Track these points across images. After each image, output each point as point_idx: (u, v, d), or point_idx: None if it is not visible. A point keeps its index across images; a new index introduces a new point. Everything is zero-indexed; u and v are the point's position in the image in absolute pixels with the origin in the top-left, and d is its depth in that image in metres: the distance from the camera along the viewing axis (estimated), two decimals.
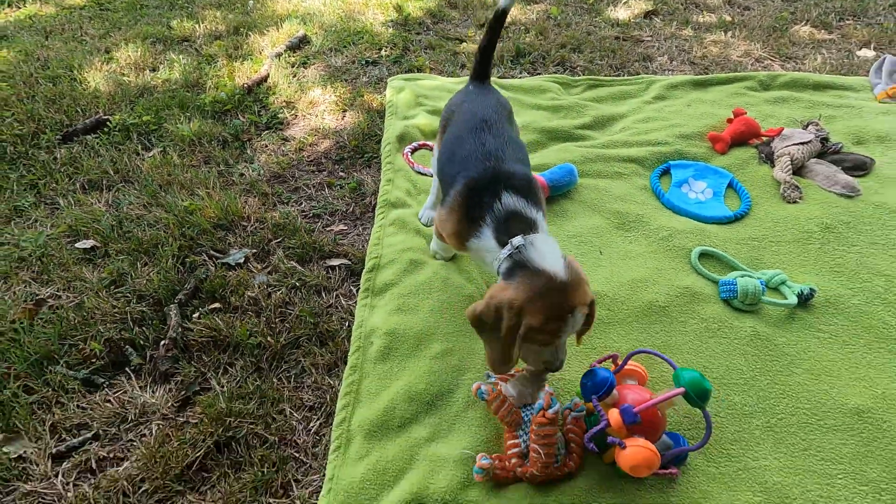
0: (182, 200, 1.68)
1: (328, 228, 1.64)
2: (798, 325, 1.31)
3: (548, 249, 0.98)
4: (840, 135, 1.90)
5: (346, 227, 1.65)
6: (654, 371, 1.20)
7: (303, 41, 2.49)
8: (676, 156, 1.82)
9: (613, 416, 0.99)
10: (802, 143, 1.75)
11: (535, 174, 1.66)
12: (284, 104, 2.11)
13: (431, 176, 1.75)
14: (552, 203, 1.64)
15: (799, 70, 2.34)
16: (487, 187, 1.07)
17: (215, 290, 1.43)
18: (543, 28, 2.60)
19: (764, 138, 1.87)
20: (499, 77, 2.27)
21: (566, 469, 1.01)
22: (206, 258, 1.53)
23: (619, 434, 0.99)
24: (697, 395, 0.99)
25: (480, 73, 1.40)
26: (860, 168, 1.74)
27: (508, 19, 2.70)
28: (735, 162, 1.80)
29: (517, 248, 1.00)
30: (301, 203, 1.73)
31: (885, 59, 2.19)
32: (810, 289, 1.34)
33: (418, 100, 2.05)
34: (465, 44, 2.52)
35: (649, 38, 2.55)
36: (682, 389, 0.99)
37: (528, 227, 1.03)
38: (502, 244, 1.02)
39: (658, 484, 1.04)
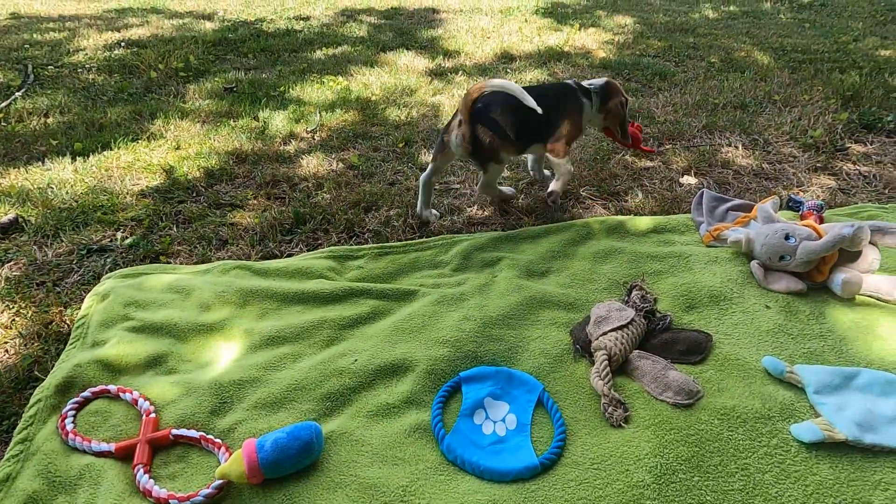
0: None
1: None
2: None
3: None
4: (668, 298, 1.55)
5: None
6: None
7: (9, 228, 1.88)
8: (472, 360, 1.34)
9: None
10: (622, 328, 1.36)
11: (248, 442, 1.09)
12: None
13: (97, 454, 1.12)
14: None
15: (622, 208, 2.09)
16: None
17: None
18: (340, 182, 2.21)
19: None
20: (260, 257, 1.77)
21: None
22: None
23: None
24: None
25: None
26: (696, 351, 1.36)
27: (303, 172, 2.31)
28: (547, 360, 1.36)
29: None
30: None
31: (702, 193, 1.99)
32: None
33: (126, 311, 1.46)
34: (238, 211, 2.04)
35: (460, 184, 2.23)
36: None
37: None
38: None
39: None
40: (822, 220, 1.93)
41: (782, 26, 4.83)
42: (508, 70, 3.78)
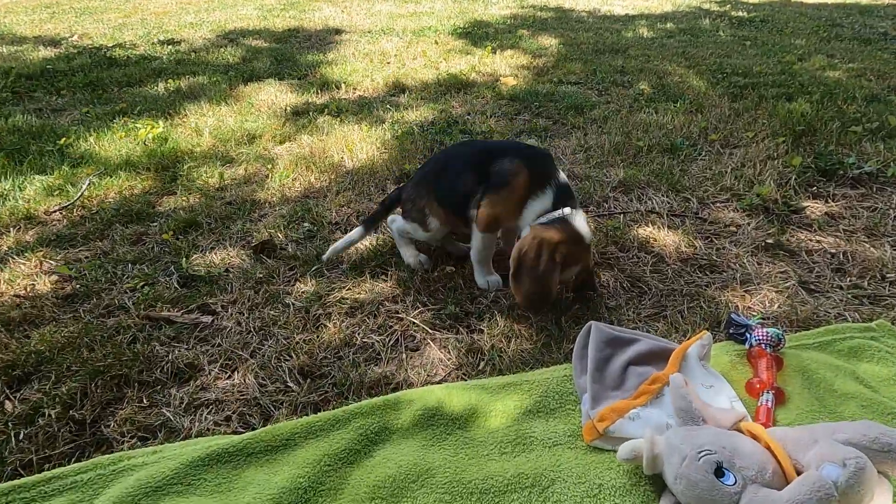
0: None
1: None
2: None
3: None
4: None
5: None
6: None
7: None
8: None
9: None
10: None
11: None
12: None
13: None
14: None
15: (472, 345, 1.29)
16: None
17: None
18: (17, 317, 1.34)
19: None
20: None
21: None
22: None
23: None
24: None
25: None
26: None
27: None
28: None
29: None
30: None
31: (590, 328, 1.21)
32: None
33: None
34: None
35: (222, 310, 1.39)
36: None
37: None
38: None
39: None
40: (781, 364, 1.20)
41: (722, 45, 4.25)
42: (391, 106, 3.01)
